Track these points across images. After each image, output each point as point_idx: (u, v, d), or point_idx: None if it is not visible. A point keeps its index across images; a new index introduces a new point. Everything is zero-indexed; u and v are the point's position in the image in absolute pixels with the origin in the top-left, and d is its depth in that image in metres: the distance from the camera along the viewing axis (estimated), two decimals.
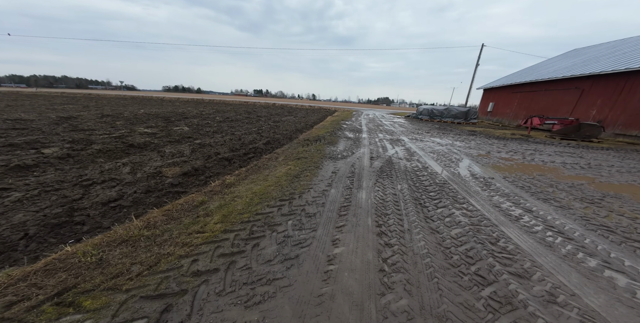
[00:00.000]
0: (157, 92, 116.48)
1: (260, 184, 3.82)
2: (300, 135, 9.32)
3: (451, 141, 9.05)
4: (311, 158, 5.59)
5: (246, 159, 5.62)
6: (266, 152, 6.43)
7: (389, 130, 11.63)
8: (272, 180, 4.03)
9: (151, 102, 27.00)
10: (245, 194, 3.40)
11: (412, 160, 5.79)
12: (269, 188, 3.63)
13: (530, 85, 19.94)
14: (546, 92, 18.08)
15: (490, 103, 25.79)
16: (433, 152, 6.81)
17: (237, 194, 3.42)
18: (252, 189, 3.60)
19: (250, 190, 3.57)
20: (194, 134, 8.10)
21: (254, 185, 3.77)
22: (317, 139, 8.22)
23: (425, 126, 15.09)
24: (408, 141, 8.64)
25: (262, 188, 3.62)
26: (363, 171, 4.64)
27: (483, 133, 12.39)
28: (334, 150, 6.56)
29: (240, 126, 10.95)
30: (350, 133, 10.10)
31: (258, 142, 7.38)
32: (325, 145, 7.26)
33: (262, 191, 3.51)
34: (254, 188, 3.62)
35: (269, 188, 3.60)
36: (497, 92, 25.15)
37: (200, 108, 21.10)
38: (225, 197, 3.31)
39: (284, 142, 7.94)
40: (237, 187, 3.71)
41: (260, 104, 35.69)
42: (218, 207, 2.99)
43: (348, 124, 13.65)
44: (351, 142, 7.92)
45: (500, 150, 7.51)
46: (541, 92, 18.53)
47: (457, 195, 3.57)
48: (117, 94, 39.54)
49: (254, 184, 3.84)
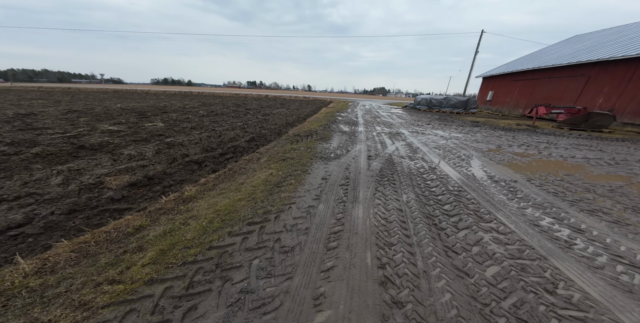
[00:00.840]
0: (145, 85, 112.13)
1: (229, 197, 2.99)
2: (290, 130, 8.41)
3: (455, 133, 8.27)
4: (299, 159, 4.75)
5: (221, 161, 4.74)
6: (248, 152, 5.55)
7: (387, 122, 10.77)
8: (246, 190, 3.20)
9: (134, 96, 25.42)
10: (205, 213, 2.57)
11: (416, 158, 5.00)
12: (238, 203, 2.80)
13: (532, 73, 19.09)
14: (549, 79, 17.28)
15: (489, 92, 24.96)
16: (438, 148, 6.02)
17: (193, 213, 2.59)
18: (217, 205, 2.76)
19: (213, 206, 2.74)
20: (167, 131, 7.13)
21: (221, 199, 2.93)
22: (309, 134, 7.34)
23: (424, 117, 14.25)
24: (409, 135, 7.82)
25: (229, 203, 2.79)
26: (359, 176, 3.83)
27: (487, 124, 11.63)
28: (327, 147, 5.71)
29: (224, 121, 9.95)
30: (345, 126, 9.22)
31: (240, 139, 6.47)
32: (317, 141, 6.40)
33: (228, 208, 2.68)
34: (220, 204, 2.79)
35: (239, 204, 2.78)
36: (497, 81, 24.27)
37: (185, 101, 19.78)
38: (175, 219, 2.47)
39: (271, 139, 7.05)
40: (197, 202, 2.87)
41: (252, 96, 34.17)
42: (160, 236, 2.16)
43: (343, 116, 12.72)
44: (346, 137, 7.06)
45: (511, 144, 6.76)
46: (544, 80, 17.73)
47: (479, 209, 2.81)
48: (99, 88, 37.33)
49: (221, 197, 3.00)
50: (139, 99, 20.22)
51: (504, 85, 22.85)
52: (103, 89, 36.21)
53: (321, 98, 35.75)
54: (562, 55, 18.47)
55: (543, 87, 17.68)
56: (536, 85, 18.41)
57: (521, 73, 20.33)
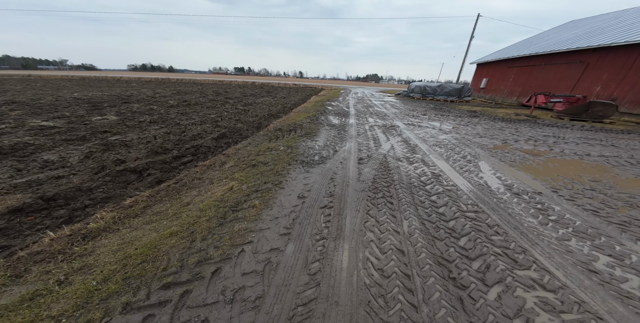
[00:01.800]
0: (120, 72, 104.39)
1: (157, 230, 2.08)
2: (272, 123, 7.38)
3: (454, 125, 7.51)
4: (274, 164, 3.83)
5: (173, 168, 3.76)
6: (212, 153, 4.56)
7: (380, 113, 9.86)
8: (187, 217, 2.29)
9: (101, 83, 23.00)
10: (106, 262, 1.67)
11: (416, 161, 4.19)
12: (166, 242, 1.91)
13: (528, 59, 18.38)
14: (545, 66, 16.65)
15: (483, 79, 24.28)
16: (439, 145, 5.24)
17: (88, 262, 1.68)
18: (132, 245, 1.86)
19: (126, 247, 1.84)
20: (117, 127, 5.94)
21: (144, 234, 2.03)
22: (293, 129, 6.36)
23: (419, 106, 13.41)
24: (404, 128, 6.99)
25: (152, 242, 1.89)
26: (347, 190, 2.98)
27: (484, 114, 10.94)
28: (311, 146, 4.79)
29: (195, 112, 8.71)
30: (335, 118, 8.25)
31: (207, 136, 5.42)
32: (301, 138, 5.46)
33: (146, 252, 1.78)
34: (137, 243, 1.88)
35: (166, 244, 1.88)
36: (491, 67, 23.52)
37: (159, 89, 17.94)
38: (52, 274, 1.56)
39: (247, 134, 6.03)
40: (106, 239, 1.95)
41: (236, 83, 31.98)
42: (7, 309, 1.27)
43: (334, 106, 11.68)
44: (335, 132, 6.14)
45: (517, 139, 6.07)
46: (540, 67, 17.09)
47: (508, 244, 2.05)
48: (63, 75, 33.73)
49: (146, 230, 2.09)
50: (104, 87, 18.15)
51: (498, 72, 22.15)
52: (68, 76, 32.74)
53: (312, 85, 34.00)
54: (559, 41, 17.74)
55: (539, 74, 17.08)
56: (532, 72, 17.79)
57: (517, 59, 19.60)
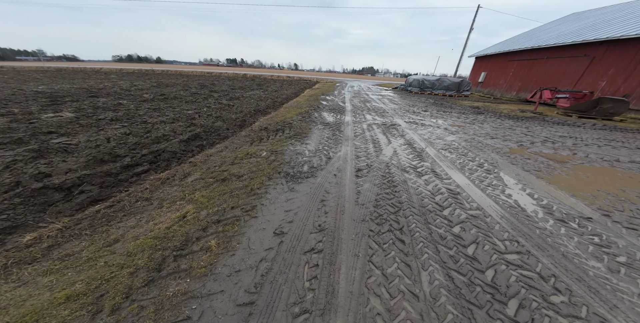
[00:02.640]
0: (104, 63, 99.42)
1: (53, 289, 1.32)
2: (258, 121, 6.53)
3: (459, 123, 6.83)
4: (250, 177, 3.06)
5: (118, 183, 2.93)
6: (178, 160, 3.73)
7: (378, 109, 9.08)
8: (105, 267, 1.51)
9: (77, 75, 21.33)
10: None
11: (425, 171, 3.47)
12: (54, 314, 1.15)
13: (529, 53, 17.73)
14: (547, 60, 16.03)
15: (482, 73, 23.63)
16: (448, 149, 4.54)
17: None
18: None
19: None
20: (68, 126, 4.99)
21: (32, 294, 1.24)
22: (281, 128, 5.55)
23: (418, 101, 12.65)
24: (406, 127, 6.25)
25: (33, 313, 1.14)
26: (342, 220, 2.25)
27: (488, 110, 10.29)
28: (300, 152, 4.01)
29: (171, 108, 7.74)
30: (329, 115, 7.44)
31: (175, 138, 4.56)
32: (289, 140, 4.67)
33: None
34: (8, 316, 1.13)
35: (52, 318, 1.13)
36: (490, 61, 22.83)
37: (138, 82, 16.60)
38: None
39: (226, 135, 5.20)
40: None
41: (227, 75, 30.39)
42: None
43: (329, 100, 10.81)
44: (329, 132, 5.35)
45: (532, 140, 5.42)
46: (541, 61, 16.48)
47: (578, 311, 1.37)
48: (38, 66, 31.27)
49: (38, 288, 1.31)
50: (79, 79, 16.67)
51: (498, 65, 21.49)
52: (44, 68, 30.37)
53: (307, 78, 32.67)
54: (562, 33, 17.08)
55: (540, 68, 16.48)
56: (533, 66, 17.18)
57: (517, 53, 18.93)
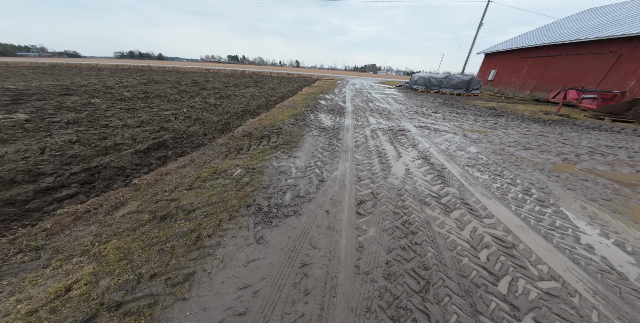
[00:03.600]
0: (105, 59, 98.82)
1: None
2: (244, 124, 5.58)
3: (479, 128, 5.83)
4: (204, 214, 2.11)
5: (21, 216, 2.01)
6: (123, 179, 2.79)
7: (382, 110, 8.08)
8: None
9: (69, 71, 20.55)
10: None
11: (454, 203, 2.51)
12: None
13: (545, 49, 16.53)
14: (566, 57, 14.84)
15: (492, 70, 22.44)
16: (475, 165, 3.56)
17: None
18: None
19: None
20: (10, 130, 4.08)
21: None
22: (267, 134, 4.60)
23: (426, 100, 11.60)
24: (417, 133, 5.26)
25: None
26: (332, 306, 1.30)
27: (506, 111, 9.22)
28: (284, 170, 3.06)
29: (148, 108, 6.79)
30: (327, 117, 6.46)
31: (131, 148, 3.61)
32: (273, 151, 3.71)
33: None
34: None
35: None
36: (501, 58, 21.62)
37: (129, 78, 15.70)
38: None
39: (200, 142, 4.26)
40: None
41: (224, 72, 29.38)
42: None
43: (328, 100, 9.81)
44: (325, 140, 4.38)
45: (576, 152, 4.41)
46: (560, 58, 15.28)
47: None
48: (32, 62, 30.46)
49: None
50: (65, 76, 15.81)
51: (509, 63, 20.28)
52: (38, 63, 29.52)
53: (307, 75, 31.57)
54: (582, 29, 15.85)
55: (558, 65, 15.29)
56: (549, 64, 15.98)
57: (532, 49, 17.72)
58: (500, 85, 20.90)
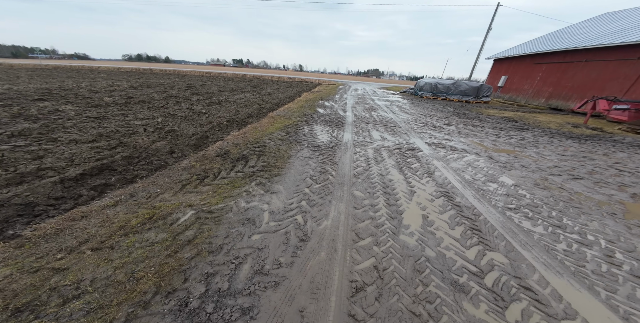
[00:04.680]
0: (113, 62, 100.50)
1: None
2: (225, 137, 4.73)
3: (505, 146, 4.87)
4: (80, 317, 1.20)
5: None
6: (20, 222, 1.91)
7: (387, 121, 7.18)
8: None
9: (66, 74, 20.31)
10: None
11: (507, 289, 1.55)
12: None
13: (562, 55, 15.54)
14: (587, 63, 13.83)
15: (502, 77, 21.45)
16: (517, 206, 2.61)
17: None
18: None
19: None
20: None
21: None
22: (246, 155, 3.71)
23: (434, 109, 10.66)
24: (430, 153, 4.33)
25: None
26: None
27: (527, 123, 8.22)
28: (249, 219, 2.13)
29: (121, 116, 6.00)
30: (323, 130, 5.58)
31: (62, 172, 2.75)
32: (247, 182, 2.80)
33: None
34: None
35: None
36: (512, 63, 20.67)
37: (122, 81, 15.17)
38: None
39: (162, 164, 3.39)
40: None
41: (225, 76, 28.96)
42: None
43: (327, 108, 8.96)
44: (316, 165, 3.47)
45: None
46: (578, 64, 14.28)
47: None
48: (35, 64, 30.49)
49: None
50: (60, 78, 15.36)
51: (521, 69, 19.31)
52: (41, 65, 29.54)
53: (309, 79, 30.98)
54: (602, 33, 14.86)
55: (578, 72, 14.27)
56: (567, 70, 14.97)
57: (546, 55, 16.76)
58: (511, 92, 19.89)
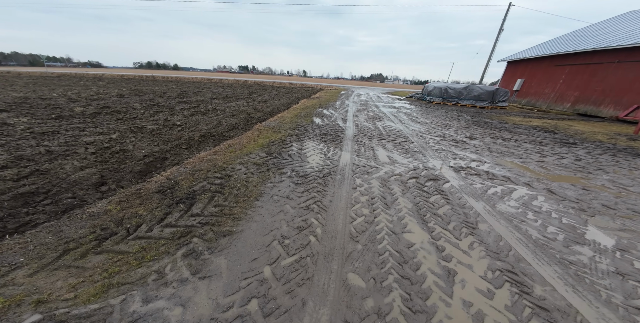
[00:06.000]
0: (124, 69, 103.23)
1: None
2: (187, 160, 3.61)
3: (561, 172, 3.57)
4: None
5: None
6: None
7: (395, 134, 5.96)
8: None
9: (66, 81, 20.05)
10: None
11: None
12: None
13: (588, 56, 14.09)
14: (619, 64, 12.36)
15: (517, 80, 19.99)
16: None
17: None
18: None
19: None
20: None
21: None
22: (198, 192, 2.55)
23: (448, 116, 9.37)
24: (461, 187, 3.10)
25: None
26: None
27: (568, 133, 6.85)
28: None
29: (78, 129, 4.98)
30: (316, 148, 4.40)
31: None
32: (167, 252, 1.61)
33: None
34: None
35: None
36: (528, 66, 19.23)
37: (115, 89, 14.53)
38: None
39: (67, 207, 2.26)
40: None
41: (226, 82, 28.39)
42: None
43: (325, 117, 7.83)
44: (295, 214, 2.27)
45: None
46: (610, 65, 12.80)
47: None
48: (42, 72, 30.79)
49: None
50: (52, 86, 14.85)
51: (540, 71, 17.85)
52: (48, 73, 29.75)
53: (311, 85, 30.12)
54: (632, 32, 13.40)
55: (609, 75, 12.77)
56: (596, 73, 13.49)
57: (570, 56, 15.31)
58: (529, 96, 18.39)
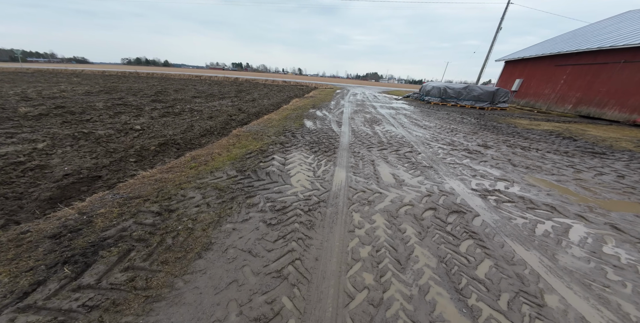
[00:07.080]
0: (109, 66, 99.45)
1: None
2: (125, 181, 2.63)
3: (615, 196, 2.78)
4: None
5: None
6: None
7: (397, 141, 5.12)
8: None
9: (38, 78, 18.58)
10: None
11: None
12: None
13: (591, 56, 13.57)
14: (625, 64, 11.85)
15: (516, 80, 19.49)
16: None
17: None
18: None
19: None
20: None
21: None
22: (103, 246, 1.59)
23: (450, 119, 8.59)
24: (493, 220, 2.27)
25: None
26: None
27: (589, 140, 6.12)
28: None
29: (2, 137, 3.94)
30: (303, 162, 3.49)
31: None
32: None
33: None
34: None
35: None
36: (527, 65, 18.73)
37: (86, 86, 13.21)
38: None
39: None
40: None
41: (215, 79, 27.06)
42: None
43: (318, 119, 6.92)
44: (254, 281, 1.36)
45: None
46: (616, 65, 12.28)
47: None
48: (17, 68, 28.66)
49: None
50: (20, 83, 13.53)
51: (539, 71, 17.35)
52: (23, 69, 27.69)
53: (305, 83, 29.07)
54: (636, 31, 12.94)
55: (614, 75, 12.26)
56: (599, 73, 12.97)
57: (571, 55, 14.80)
58: (528, 97, 17.90)
